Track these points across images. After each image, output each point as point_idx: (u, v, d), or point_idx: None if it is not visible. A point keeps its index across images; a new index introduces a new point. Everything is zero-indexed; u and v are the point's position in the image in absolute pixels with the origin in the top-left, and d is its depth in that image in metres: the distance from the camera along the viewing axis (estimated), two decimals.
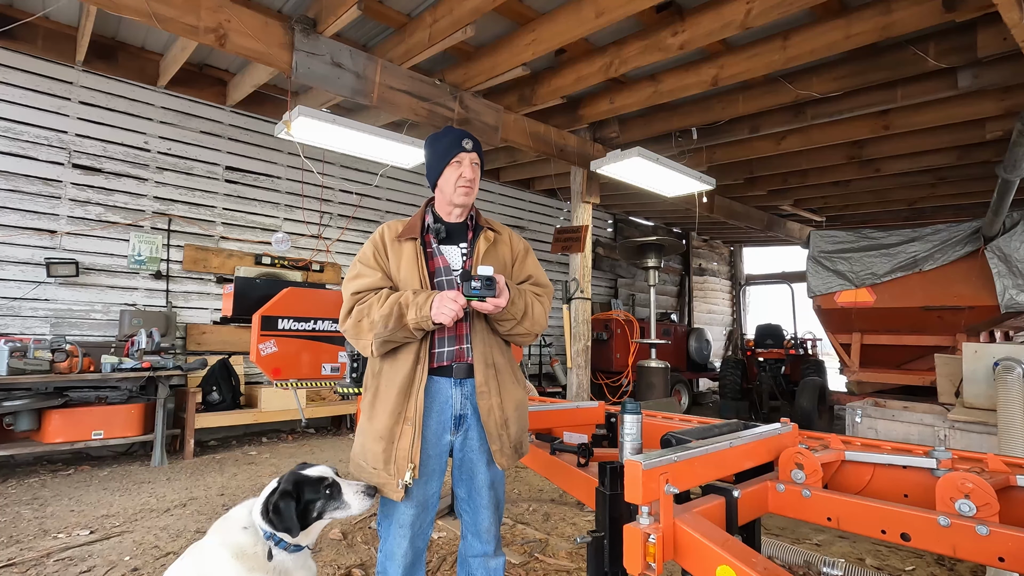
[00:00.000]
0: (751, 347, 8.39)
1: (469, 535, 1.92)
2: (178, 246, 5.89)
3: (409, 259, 1.83)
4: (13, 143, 5.04)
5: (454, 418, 1.83)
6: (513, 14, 4.38)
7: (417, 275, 1.81)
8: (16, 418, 4.41)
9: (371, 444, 1.76)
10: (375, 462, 1.75)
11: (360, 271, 1.85)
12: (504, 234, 2.00)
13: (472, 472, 1.87)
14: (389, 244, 1.87)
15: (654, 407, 3.43)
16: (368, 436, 1.78)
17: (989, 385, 3.42)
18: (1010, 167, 4.45)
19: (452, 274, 1.86)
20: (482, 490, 1.87)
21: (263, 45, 4.02)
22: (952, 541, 1.35)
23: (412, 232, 1.87)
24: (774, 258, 24.18)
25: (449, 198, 1.89)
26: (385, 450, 1.73)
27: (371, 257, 1.85)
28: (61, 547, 3.06)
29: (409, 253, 1.84)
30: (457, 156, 1.86)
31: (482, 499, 1.88)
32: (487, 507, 1.88)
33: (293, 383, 3.62)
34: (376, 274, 1.83)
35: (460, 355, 1.84)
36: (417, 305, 1.69)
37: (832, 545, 3.27)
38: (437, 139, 1.93)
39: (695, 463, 1.48)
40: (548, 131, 6.04)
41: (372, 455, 1.76)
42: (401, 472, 1.71)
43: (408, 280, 1.81)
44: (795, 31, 4.36)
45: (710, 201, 8.82)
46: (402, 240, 1.87)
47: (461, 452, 1.87)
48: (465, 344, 1.84)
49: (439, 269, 1.86)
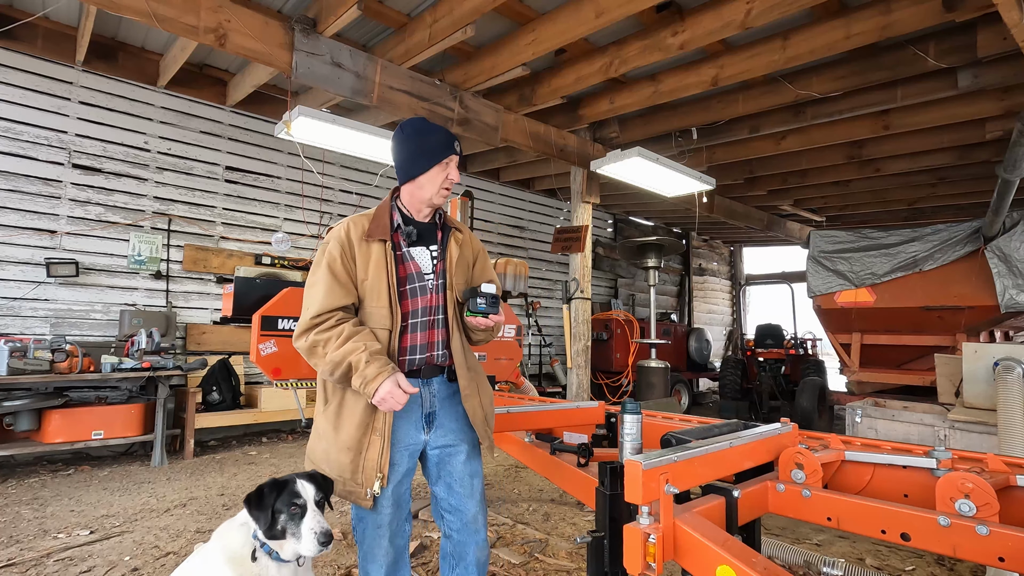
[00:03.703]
0: (751, 347, 8.39)
1: (455, 533, 1.89)
2: (178, 246, 5.89)
3: (378, 263, 1.76)
4: (13, 143, 5.04)
5: (424, 416, 1.83)
6: (513, 14, 4.38)
7: (385, 282, 1.76)
8: (16, 418, 4.41)
9: (337, 455, 1.72)
10: (342, 472, 1.72)
11: (323, 282, 1.73)
12: (465, 234, 1.96)
13: (451, 466, 1.87)
14: (356, 244, 1.77)
15: (654, 407, 3.43)
16: (334, 446, 1.73)
17: (989, 385, 3.42)
18: (1010, 167, 4.46)
19: (425, 280, 1.83)
20: (464, 480, 1.87)
21: (263, 45, 4.02)
22: (952, 541, 1.35)
23: (381, 232, 1.78)
24: (774, 258, 24.22)
25: (428, 197, 1.83)
26: (353, 461, 1.70)
27: (338, 262, 1.74)
28: (61, 547, 3.06)
29: (378, 256, 1.77)
30: (448, 157, 1.82)
31: (465, 489, 1.87)
32: (471, 496, 1.88)
33: (293, 383, 3.62)
34: (338, 291, 1.73)
35: (430, 360, 1.83)
36: (364, 378, 1.62)
37: (832, 545, 3.27)
38: (422, 133, 1.84)
39: (695, 463, 1.48)
40: (548, 131, 6.05)
41: (339, 465, 1.72)
42: (370, 482, 1.69)
43: (374, 287, 1.75)
44: (795, 31, 4.36)
45: (710, 201, 8.82)
46: (370, 240, 1.78)
47: (436, 449, 1.86)
48: (437, 351, 1.84)
49: (410, 276, 1.82)
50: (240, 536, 1.69)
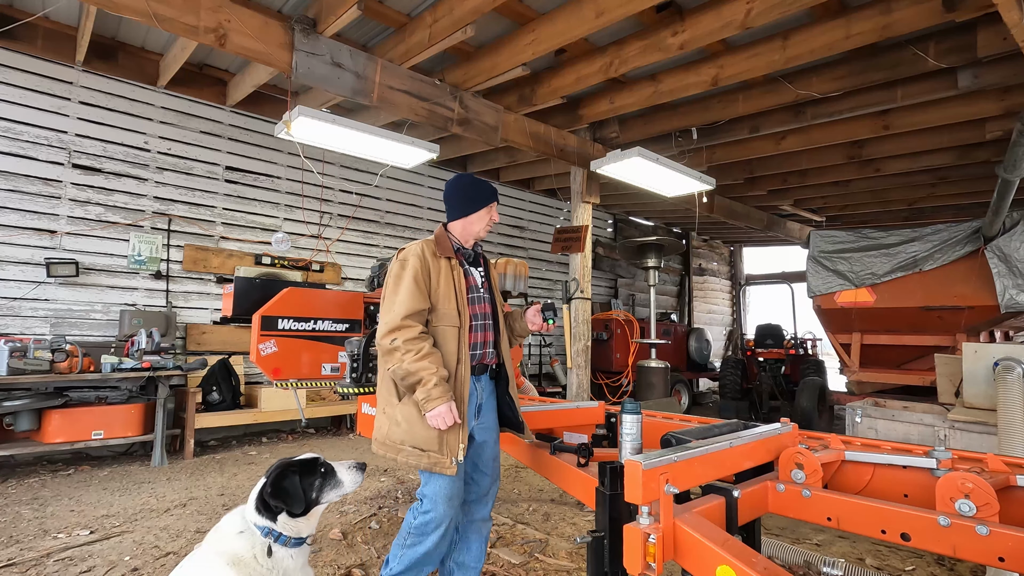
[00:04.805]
0: (751, 347, 8.39)
1: (470, 503, 2.29)
2: (178, 246, 5.89)
3: (446, 276, 2.21)
4: (13, 143, 5.04)
5: (477, 406, 2.25)
6: (513, 14, 4.38)
7: (453, 292, 2.20)
8: (16, 418, 4.41)
9: (425, 431, 2.07)
10: (429, 445, 2.06)
11: (408, 289, 2.12)
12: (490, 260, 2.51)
13: (483, 447, 2.29)
14: (431, 260, 2.21)
15: (654, 407, 3.43)
16: (419, 425, 2.07)
17: (989, 385, 3.42)
18: (1010, 167, 4.45)
19: (480, 292, 2.32)
20: (489, 462, 2.31)
21: (263, 45, 4.02)
22: (952, 541, 1.35)
23: (446, 251, 2.26)
24: (774, 258, 24.25)
25: (475, 232, 2.34)
26: (440, 436, 2.06)
27: (419, 273, 2.14)
28: (61, 547, 3.06)
29: (446, 270, 2.22)
30: (491, 204, 2.34)
31: (488, 468, 2.30)
32: (491, 474, 2.32)
33: (293, 383, 3.62)
34: (419, 297, 2.13)
35: (483, 357, 2.28)
36: (427, 395, 2.01)
37: (832, 545, 3.27)
38: (476, 186, 2.35)
39: (695, 463, 1.48)
40: (548, 131, 6.04)
41: (426, 440, 2.07)
42: (455, 452, 2.07)
43: (445, 295, 2.18)
44: (795, 31, 4.36)
45: (710, 201, 8.81)
46: (439, 257, 2.23)
47: (478, 431, 2.26)
48: (489, 349, 2.30)
49: (472, 287, 2.30)
50: (243, 544, 1.69)
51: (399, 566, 2.13)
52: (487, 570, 2.82)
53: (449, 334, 2.16)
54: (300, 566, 1.76)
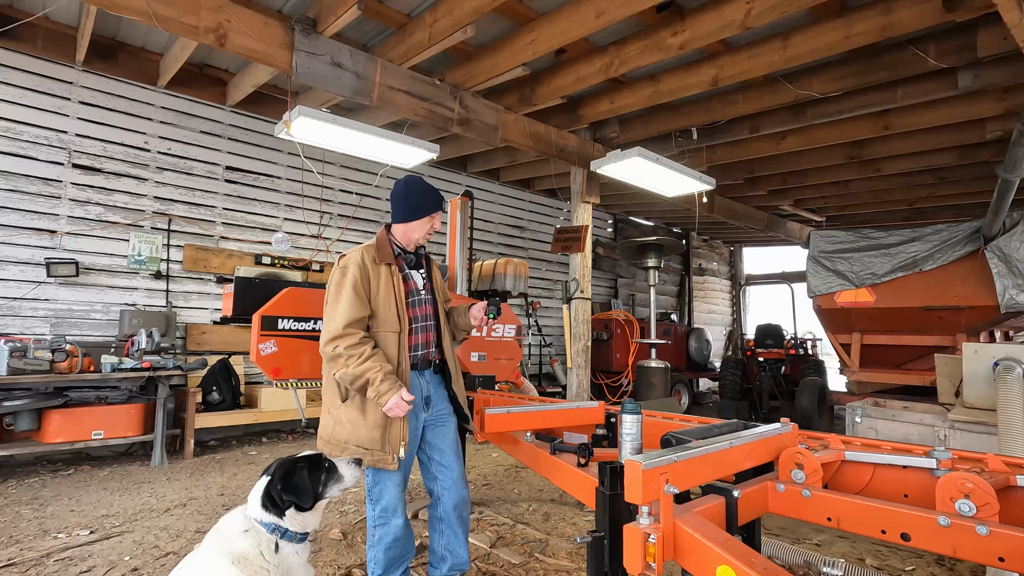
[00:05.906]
0: (751, 347, 8.39)
1: (445, 491, 2.40)
2: (178, 246, 5.89)
3: (386, 282, 2.28)
4: (13, 143, 5.04)
5: (424, 398, 2.38)
6: (513, 14, 4.38)
7: (393, 298, 2.27)
8: (16, 418, 4.41)
9: (368, 432, 2.18)
10: (372, 445, 2.18)
11: (348, 298, 2.18)
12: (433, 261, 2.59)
13: (443, 435, 2.43)
14: (370, 267, 2.26)
15: (654, 407, 3.42)
16: (363, 427, 2.19)
17: (989, 385, 3.42)
18: (1010, 167, 4.46)
19: (421, 294, 2.40)
20: (453, 446, 2.45)
21: (263, 45, 4.02)
22: (952, 541, 1.35)
23: (387, 258, 2.32)
24: (774, 258, 24.25)
25: (415, 239, 2.40)
26: (381, 436, 2.18)
27: (359, 282, 2.21)
28: (61, 547, 3.06)
29: (386, 276, 2.28)
30: (435, 214, 2.39)
31: (453, 454, 2.43)
32: (458, 457, 2.46)
33: (293, 383, 3.62)
34: (359, 305, 2.20)
35: (427, 356, 2.40)
36: (378, 392, 2.10)
37: (832, 545, 3.27)
38: (423, 192, 2.37)
39: (695, 463, 1.48)
40: (548, 131, 6.04)
41: (369, 440, 2.18)
42: (395, 449, 2.19)
43: (385, 301, 2.25)
44: (795, 31, 4.36)
45: (710, 201, 8.81)
46: (379, 264, 2.29)
47: (432, 421, 2.41)
48: (432, 348, 2.42)
49: (412, 291, 2.37)
50: (248, 543, 1.70)
51: (379, 568, 2.26)
52: (487, 570, 2.82)
53: (390, 339, 2.25)
54: (303, 563, 1.78)
